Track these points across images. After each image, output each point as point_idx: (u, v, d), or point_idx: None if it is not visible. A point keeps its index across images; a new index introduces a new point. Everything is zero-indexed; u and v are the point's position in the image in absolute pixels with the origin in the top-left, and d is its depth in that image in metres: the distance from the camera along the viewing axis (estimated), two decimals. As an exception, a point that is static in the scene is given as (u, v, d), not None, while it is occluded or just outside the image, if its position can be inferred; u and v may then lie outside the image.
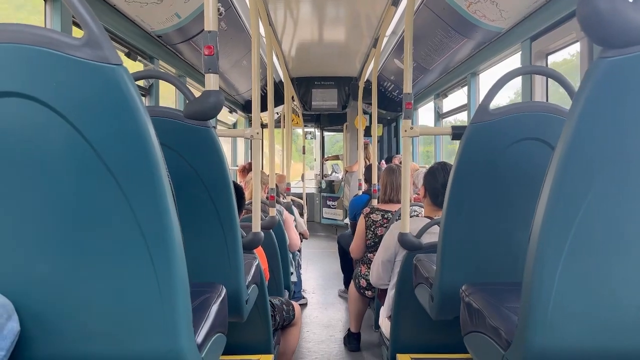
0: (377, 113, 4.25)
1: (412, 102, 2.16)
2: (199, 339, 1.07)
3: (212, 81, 1.39)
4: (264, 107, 2.88)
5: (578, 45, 2.34)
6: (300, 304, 3.48)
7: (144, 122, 0.86)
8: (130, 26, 2.77)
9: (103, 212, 0.89)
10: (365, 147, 6.01)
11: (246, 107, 6.43)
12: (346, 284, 4.36)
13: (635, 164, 0.91)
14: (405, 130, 2.10)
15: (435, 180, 2.23)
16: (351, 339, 3.28)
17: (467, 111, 3.97)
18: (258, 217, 2.05)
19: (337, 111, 6.80)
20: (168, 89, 3.81)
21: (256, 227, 2.03)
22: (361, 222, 3.10)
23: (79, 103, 0.85)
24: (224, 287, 1.38)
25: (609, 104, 0.89)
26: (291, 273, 3.55)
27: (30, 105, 0.85)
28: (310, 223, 7.94)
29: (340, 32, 4.50)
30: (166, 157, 0.92)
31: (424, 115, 6.09)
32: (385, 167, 3.24)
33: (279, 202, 3.60)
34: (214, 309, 1.23)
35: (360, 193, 4.60)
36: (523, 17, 2.70)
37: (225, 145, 6.65)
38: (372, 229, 3.02)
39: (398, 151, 7.30)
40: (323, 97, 6.60)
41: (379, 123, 6.68)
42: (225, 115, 6.16)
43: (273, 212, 2.72)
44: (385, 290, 2.43)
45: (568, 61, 2.73)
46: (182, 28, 3.06)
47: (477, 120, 1.50)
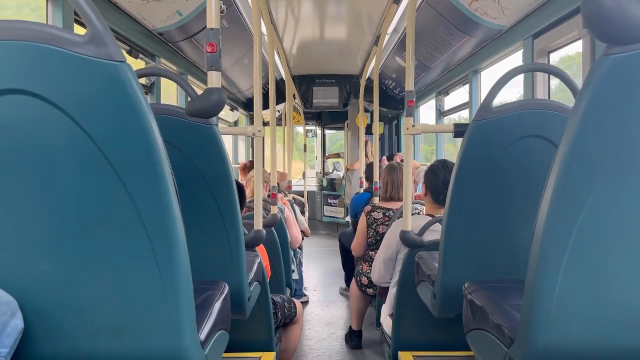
0: (379, 111, 4.24)
1: (414, 100, 2.15)
2: (202, 335, 1.07)
3: (215, 79, 1.39)
4: (265, 105, 2.88)
5: (579, 44, 2.33)
6: (301, 302, 3.47)
7: (148, 120, 0.86)
8: (132, 24, 2.76)
9: (106, 210, 0.89)
10: (366, 145, 6.01)
11: (247, 105, 6.42)
12: (347, 281, 4.36)
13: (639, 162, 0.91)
14: (407, 128, 2.09)
15: (436, 178, 2.23)
16: (352, 337, 3.28)
17: (469, 109, 3.96)
18: (260, 215, 2.05)
19: (339, 109, 6.79)
20: (169, 87, 3.80)
21: (258, 225, 2.03)
22: (362, 220, 3.10)
23: (82, 100, 0.85)
24: (226, 285, 1.38)
25: (613, 101, 0.89)
26: (292, 271, 3.55)
27: (34, 102, 0.84)
28: (312, 221, 7.94)
29: (342, 30, 4.49)
30: (169, 155, 0.92)
31: (425, 114, 6.08)
32: (386, 165, 3.24)
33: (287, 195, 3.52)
34: (217, 306, 1.24)
35: (361, 191, 4.59)
36: (525, 15, 2.69)
37: (226, 143, 6.63)
38: (374, 227, 3.02)
39: (399, 149, 7.29)
40: (324, 95, 6.59)
41: (380, 121, 6.66)
42: (227, 113, 6.16)
43: (274, 210, 2.72)
44: (387, 287, 2.43)
45: (565, 59, 2.72)
46: (184, 26, 3.05)
47: (480, 118, 1.49)
